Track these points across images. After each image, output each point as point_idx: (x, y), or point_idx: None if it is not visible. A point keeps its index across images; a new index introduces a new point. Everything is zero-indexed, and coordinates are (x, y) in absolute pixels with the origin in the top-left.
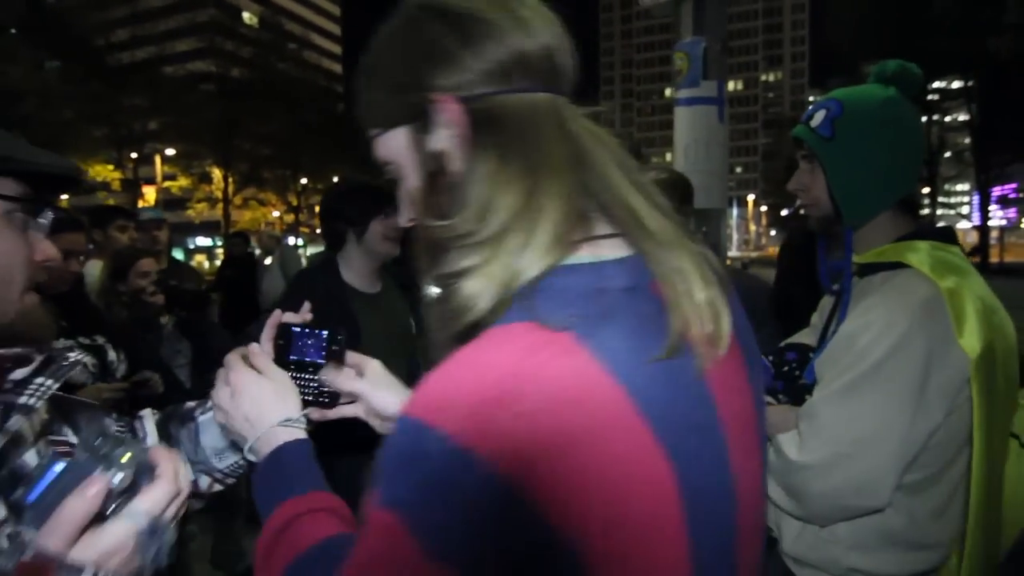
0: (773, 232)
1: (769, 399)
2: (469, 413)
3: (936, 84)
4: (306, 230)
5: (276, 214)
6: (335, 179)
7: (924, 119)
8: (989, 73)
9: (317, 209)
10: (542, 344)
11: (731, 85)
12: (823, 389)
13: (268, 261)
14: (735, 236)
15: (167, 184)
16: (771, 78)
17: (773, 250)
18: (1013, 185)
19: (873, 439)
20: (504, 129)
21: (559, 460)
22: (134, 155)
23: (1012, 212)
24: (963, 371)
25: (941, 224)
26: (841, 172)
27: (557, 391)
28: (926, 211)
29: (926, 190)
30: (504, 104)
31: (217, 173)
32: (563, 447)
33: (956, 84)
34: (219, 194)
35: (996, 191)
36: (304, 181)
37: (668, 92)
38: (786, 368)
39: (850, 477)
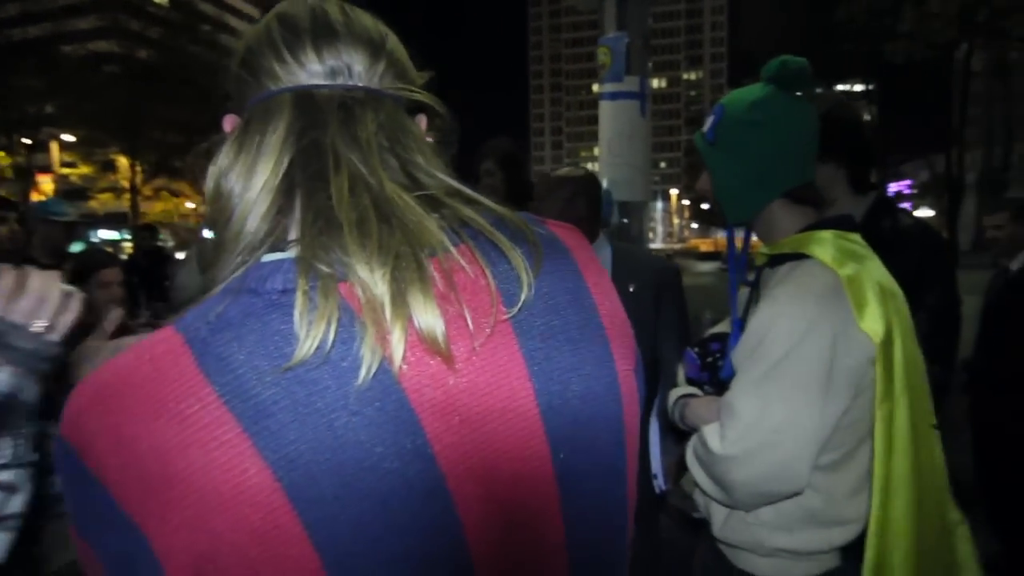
0: (695, 225)
1: (695, 391)
2: (75, 412)
3: (841, 87)
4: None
5: (191, 205)
6: None
7: None
8: (887, 77)
9: None
10: (155, 347)
11: (655, 83)
12: (738, 381)
13: (182, 255)
14: (660, 229)
15: (66, 172)
16: (693, 76)
17: (695, 242)
18: (908, 182)
19: (787, 427)
20: (245, 130)
21: (136, 470)
22: (27, 141)
23: (907, 206)
24: (867, 354)
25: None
26: (719, 174)
27: (142, 398)
28: None
29: None
30: (252, 112)
31: (123, 161)
32: (143, 458)
33: (858, 87)
34: (125, 184)
35: (892, 187)
36: None
37: (595, 88)
38: (710, 359)
39: (768, 465)
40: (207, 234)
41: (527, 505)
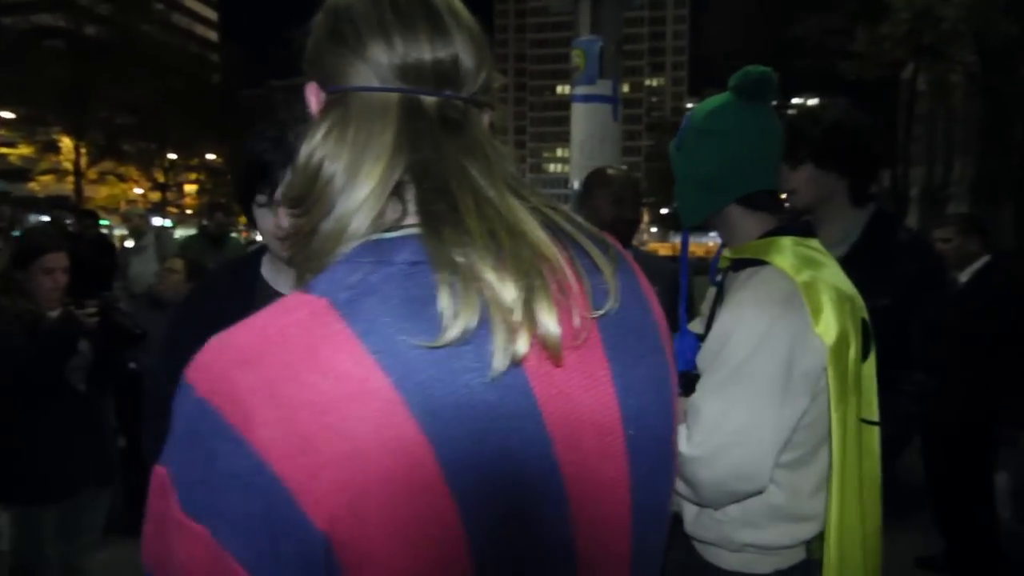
0: (654, 229)
1: None
2: (218, 372)
3: (796, 100)
4: (175, 210)
5: (139, 191)
6: (209, 156)
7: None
8: (840, 93)
9: (187, 188)
10: (297, 310)
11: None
12: (703, 383)
13: (131, 243)
14: None
15: (5, 151)
16: (655, 83)
17: (654, 246)
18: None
19: (748, 429)
20: (346, 119)
21: (289, 424)
22: None
23: None
24: (822, 358)
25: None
26: (679, 178)
27: (296, 355)
28: None
29: None
30: (352, 98)
31: (67, 142)
32: (297, 412)
33: (812, 101)
34: (69, 166)
35: None
36: (173, 157)
37: (560, 89)
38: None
39: (731, 465)
40: (285, 216)
41: (605, 470)
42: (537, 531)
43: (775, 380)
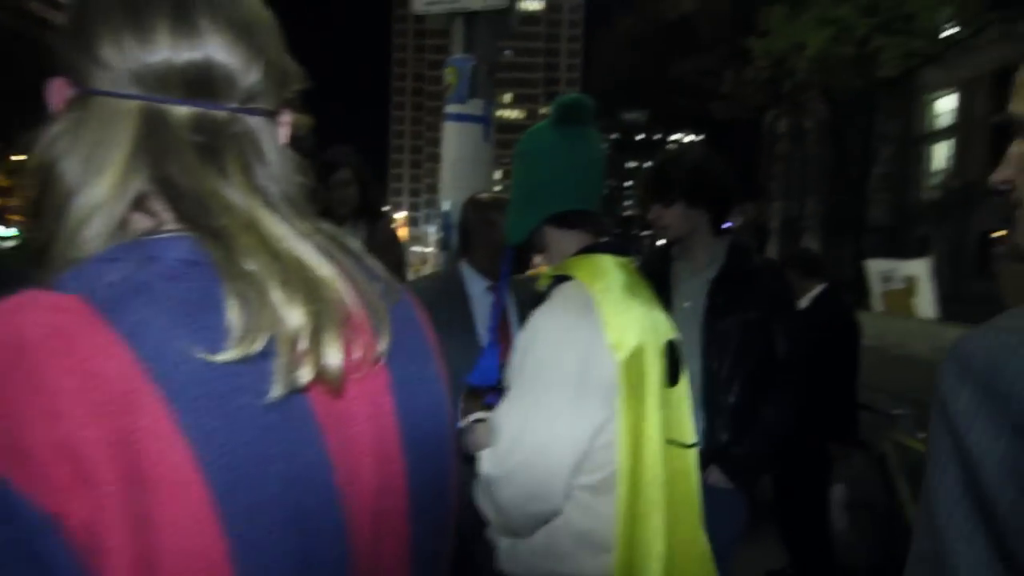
0: None
1: (485, 415)
2: None
3: (675, 136)
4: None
5: None
6: None
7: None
8: (713, 131)
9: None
10: (36, 307)
11: (513, 113)
12: (504, 400)
13: None
14: None
15: None
16: (550, 111)
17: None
18: (728, 224)
19: (543, 444)
20: (81, 122)
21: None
22: None
23: None
24: (615, 369)
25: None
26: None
27: (52, 359)
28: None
29: None
30: (90, 101)
31: None
32: (30, 425)
33: (690, 138)
34: None
35: None
36: (20, 158)
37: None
38: (498, 381)
39: (525, 484)
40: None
41: (383, 501)
42: (313, 559)
43: (567, 396)
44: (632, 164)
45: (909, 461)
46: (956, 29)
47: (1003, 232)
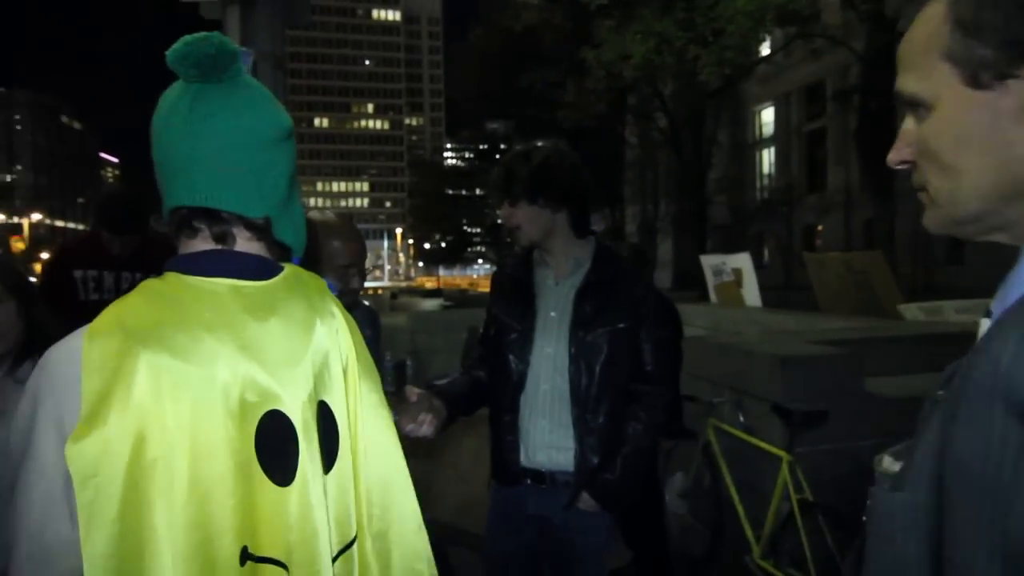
0: (421, 263)
1: None
2: None
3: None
4: None
5: None
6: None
7: None
8: (571, 140)
9: None
10: None
11: (377, 124)
12: None
13: None
14: (387, 267)
15: None
16: (415, 122)
17: (421, 280)
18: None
19: None
20: None
21: None
22: None
23: None
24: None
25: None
26: None
27: None
28: None
29: None
30: None
31: None
32: None
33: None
34: None
35: None
36: None
37: (318, 122)
38: None
39: None
40: None
41: None
42: None
43: None
44: None
45: (729, 447)
46: (768, 51)
47: (820, 227)
